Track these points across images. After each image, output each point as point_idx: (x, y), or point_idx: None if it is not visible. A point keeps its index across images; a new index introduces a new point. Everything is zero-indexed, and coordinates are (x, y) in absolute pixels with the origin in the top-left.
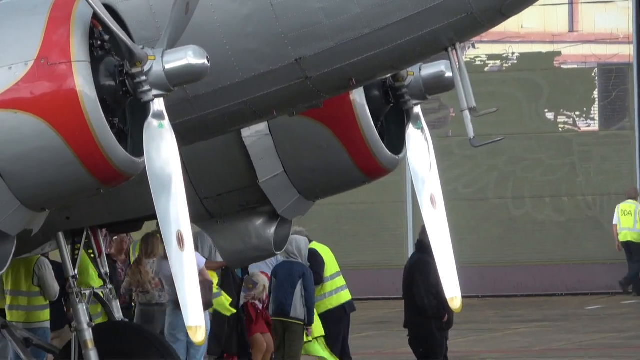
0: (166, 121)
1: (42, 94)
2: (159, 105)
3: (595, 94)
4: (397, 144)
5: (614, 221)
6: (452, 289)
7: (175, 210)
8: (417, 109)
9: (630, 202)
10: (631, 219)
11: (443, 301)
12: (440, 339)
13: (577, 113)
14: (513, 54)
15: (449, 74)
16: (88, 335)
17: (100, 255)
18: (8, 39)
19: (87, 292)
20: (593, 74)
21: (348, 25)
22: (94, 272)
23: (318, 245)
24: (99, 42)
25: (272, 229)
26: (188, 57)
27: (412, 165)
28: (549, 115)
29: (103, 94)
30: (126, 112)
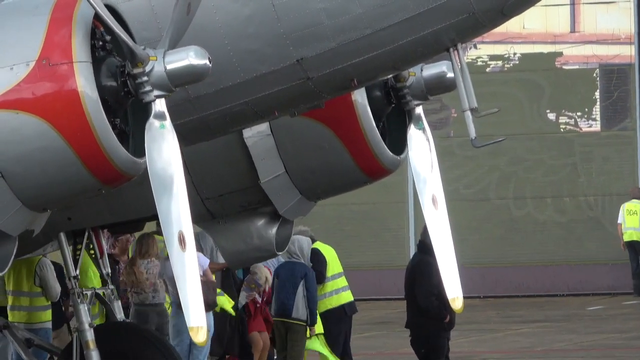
0: (168, 122)
1: (44, 95)
2: (160, 105)
3: (597, 94)
4: (399, 144)
5: (619, 220)
6: (454, 289)
7: (176, 211)
8: (419, 110)
9: (636, 202)
10: (636, 219)
11: (445, 302)
12: (441, 340)
13: (579, 113)
14: (515, 54)
15: (450, 75)
16: (89, 335)
17: (102, 256)
18: (9, 39)
19: (89, 293)
20: (594, 75)
21: (350, 26)
22: (93, 274)
23: (322, 246)
24: (101, 43)
25: (274, 230)
26: (189, 58)
27: (414, 166)
28: (551, 116)
29: (104, 94)
30: (128, 113)
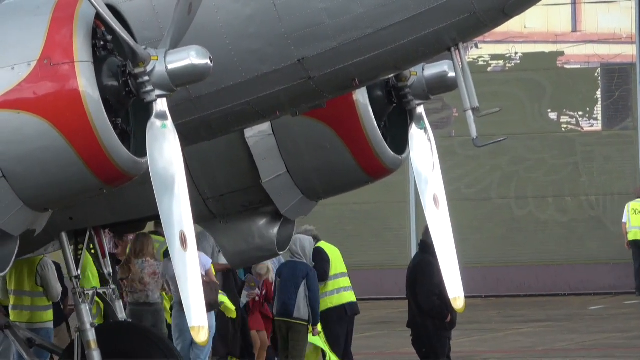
0: (169, 121)
1: (45, 95)
2: (161, 105)
3: (598, 94)
4: (400, 144)
5: (624, 219)
6: (455, 289)
7: (178, 211)
8: (420, 109)
9: None
10: None
11: (446, 301)
12: (443, 339)
13: (580, 113)
14: (516, 54)
15: (451, 74)
16: (91, 335)
17: (104, 256)
18: (11, 39)
19: (90, 292)
20: (596, 74)
21: (351, 26)
22: (92, 274)
23: (326, 245)
24: (102, 43)
25: (275, 229)
26: (191, 58)
27: (415, 165)
28: (552, 115)
29: (106, 94)
30: (129, 113)
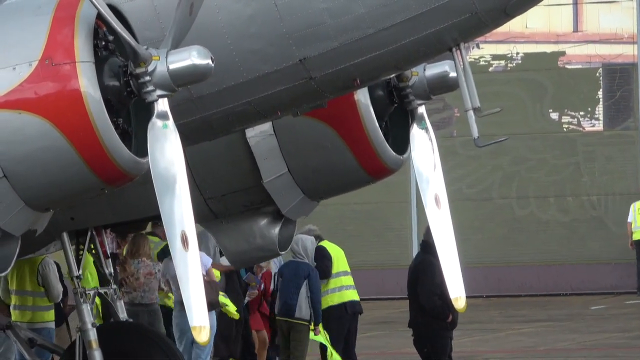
0: (170, 121)
1: (47, 95)
2: (163, 105)
3: (600, 94)
4: (401, 144)
5: (629, 219)
6: (457, 289)
7: (179, 211)
8: (421, 109)
9: None
10: None
11: (447, 301)
12: (444, 339)
13: (582, 113)
14: (517, 54)
15: (453, 74)
16: (92, 335)
17: (105, 256)
18: (12, 39)
19: (92, 292)
20: (597, 74)
21: (352, 26)
22: (90, 275)
23: (329, 244)
24: (103, 43)
25: (276, 229)
26: (192, 58)
27: (417, 166)
28: (554, 115)
29: (107, 94)
30: (130, 113)
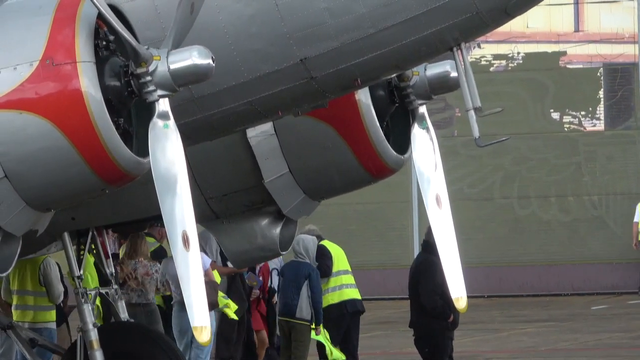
0: (171, 121)
1: (48, 95)
2: (164, 105)
3: (601, 93)
4: (403, 144)
5: (635, 219)
6: (458, 289)
7: (180, 211)
8: (422, 109)
9: None
10: None
11: (449, 301)
12: (445, 339)
13: (583, 113)
14: (518, 53)
15: (454, 74)
16: (93, 335)
17: (107, 256)
18: (13, 39)
19: (93, 293)
20: (598, 74)
21: (353, 25)
22: (91, 276)
23: (329, 243)
24: (104, 43)
25: (278, 229)
26: (193, 58)
27: (418, 165)
28: (555, 115)
29: (108, 94)
30: (131, 113)
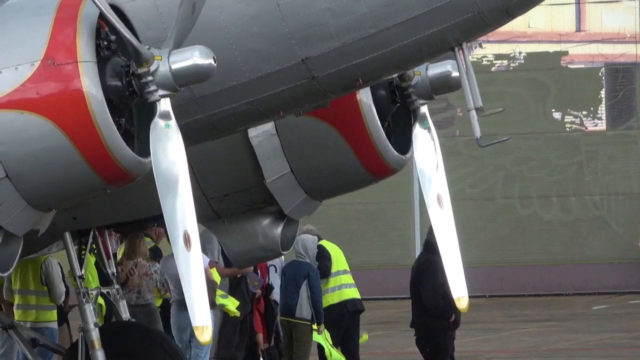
0: (173, 121)
1: (49, 95)
2: (165, 105)
3: (602, 93)
4: (404, 143)
5: None
6: (459, 288)
7: (181, 211)
8: (424, 109)
9: None
10: None
11: (450, 301)
12: (447, 339)
13: (584, 113)
14: (520, 53)
15: (455, 74)
16: (95, 335)
17: (108, 256)
18: (14, 39)
19: (94, 293)
20: (600, 74)
21: (354, 25)
22: (91, 276)
23: (327, 243)
24: (106, 43)
25: (279, 229)
26: (194, 57)
27: (419, 165)
28: (556, 115)
29: (109, 94)
30: (132, 113)
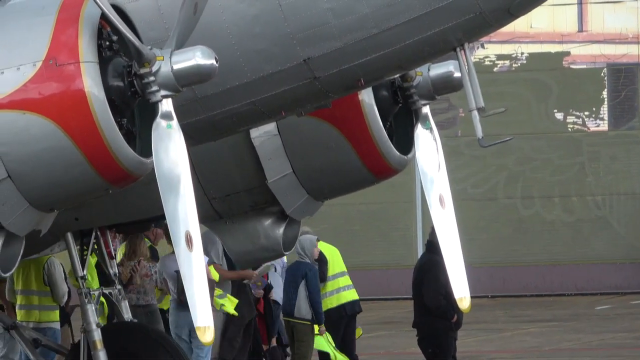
0: (174, 121)
1: (51, 95)
2: (167, 105)
3: (604, 93)
4: (406, 144)
5: None
6: (461, 289)
7: (183, 211)
8: (426, 109)
9: None
10: None
11: (452, 301)
12: (449, 339)
13: (586, 113)
14: (522, 54)
15: (457, 74)
16: (97, 335)
17: (110, 256)
18: (16, 39)
19: (96, 293)
20: (602, 74)
21: (356, 26)
22: (91, 277)
23: (324, 245)
24: (107, 43)
25: (281, 229)
26: (196, 58)
27: (421, 166)
28: (558, 115)
29: (111, 94)
30: (134, 113)
